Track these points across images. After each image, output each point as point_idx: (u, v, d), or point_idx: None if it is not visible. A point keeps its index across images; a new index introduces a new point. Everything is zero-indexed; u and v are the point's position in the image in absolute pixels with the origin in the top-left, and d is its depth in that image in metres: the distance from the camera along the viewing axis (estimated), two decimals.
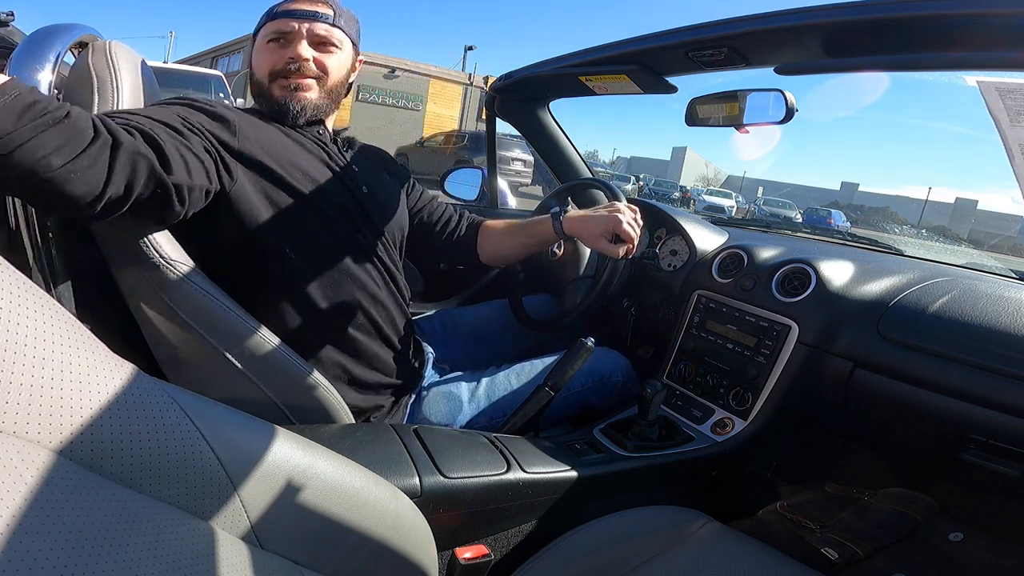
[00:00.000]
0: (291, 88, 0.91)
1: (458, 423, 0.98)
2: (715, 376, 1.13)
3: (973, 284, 1.00)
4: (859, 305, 1.02)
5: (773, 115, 1.03)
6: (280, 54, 0.91)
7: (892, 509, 1.14)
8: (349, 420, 0.87)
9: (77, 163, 0.57)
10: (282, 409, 0.81)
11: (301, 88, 0.92)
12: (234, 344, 0.76)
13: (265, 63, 0.93)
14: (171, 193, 0.68)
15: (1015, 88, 0.54)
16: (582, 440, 0.98)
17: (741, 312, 1.14)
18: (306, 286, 0.87)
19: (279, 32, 0.92)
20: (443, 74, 19.13)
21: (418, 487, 0.73)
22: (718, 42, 0.91)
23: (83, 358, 0.39)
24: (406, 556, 0.59)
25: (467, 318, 1.35)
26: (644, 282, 1.40)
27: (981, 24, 0.66)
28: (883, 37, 0.77)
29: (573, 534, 0.82)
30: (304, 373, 0.82)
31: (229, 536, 0.45)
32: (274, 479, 0.48)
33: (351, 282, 0.91)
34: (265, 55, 0.93)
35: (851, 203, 38.03)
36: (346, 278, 0.90)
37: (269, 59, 0.92)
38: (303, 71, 0.91)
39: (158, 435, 0.41)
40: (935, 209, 37.87)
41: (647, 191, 20.31)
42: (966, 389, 0.86)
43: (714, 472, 1.03)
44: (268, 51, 0.93)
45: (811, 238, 1.57)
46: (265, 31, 0.94)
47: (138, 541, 0.36)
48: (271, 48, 0.92)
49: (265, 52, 0.93)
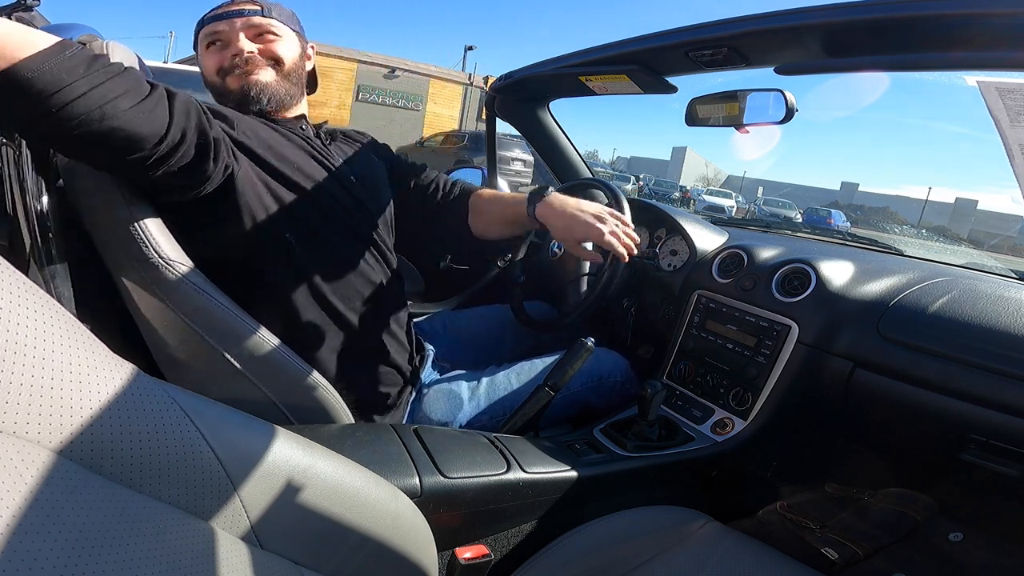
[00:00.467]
0: (244, 75, 0.92)
1: (458, 421, 0.98)
2: (715, 376, 1.13)
3: (973, 284, 1.00)
4: (859, 305, 1.02)
5: (773, 115, 1.03)
6: (222, 54, 0.93)
7: (892, 509, 1.14)
8: (349, 420, 0.87)
9: (143, 105, 0.64)
10: (281, 409, 0.81)
11: (253, 73, 0.92)
12: (233, 344, 0.76)
13: (211, 65, 0.94)
14: (210, 147, 0.73)
15: (1015, 88, 0.54)
16: (582, 440, 0.98)
17: (741, 312, 1.14)
18: (309, 279, 0.87)
19: (214, 35, 0.93)
20: (443, 74, 19.10)
21: (418, 487, 0.73)
22: (718, 42, 0.91)
23: (83, 358, 0.39)
24: (406, 556, 0.59)
25: (466, 320, 1.35)
26: (644, 282, 1.40)
27: (981, 24, 0.66)
28: (883, 37, 0.77)
29: (573, 534, 0.82)
30: (304, 373, 0.82)
31: (229, 536, 0.45)
32: (274, 479, 0.48)
33: (352, 272, 0.91)
34: (209, 59, 0.94)
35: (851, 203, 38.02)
36: (347, 269, 0.91)
37: (214, 60, 0.93)
38: (251, 62, 0.92)
39: (158, 435, 0.41)
40: (935, 209, 37.86)
41: (647, 191, 20.30)
42: (966, 389, 0.86)
43: (714, 472, 1.03)
44: (210, 55, 0.94)
45: (811, 238, 1.57)
46: (202, 39, 0.94)
47: (138, 541, 0.36)
48: (212, 52, 0.94)
49: (208, 56, 0.94)
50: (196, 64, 0.99)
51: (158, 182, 0.71)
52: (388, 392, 0.96)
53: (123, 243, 0.72)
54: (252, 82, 0.92)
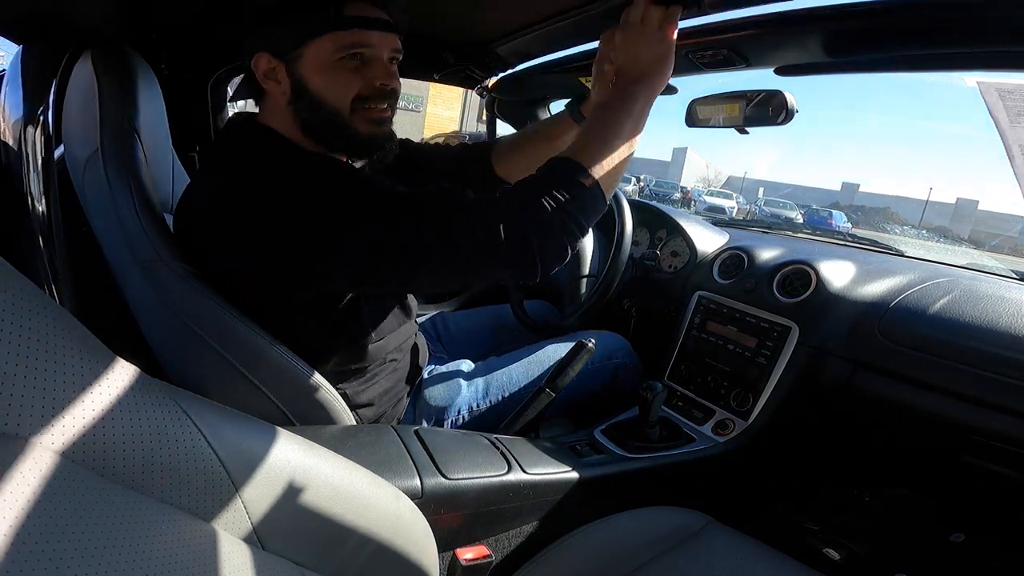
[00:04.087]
0: (383, 119, 0.79)
1: (456, 406, 0.98)
2: (716, 377, 1.13)
3: (974, 285, 1.00)
4: (860, 306, 1.02)
5: (773, 116, 1.03)
6: (364, 76, 0.75)
7: (893, 510, 1.14)
8: (350, 421, 0.87)
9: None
10: (283, 410, 0.81)
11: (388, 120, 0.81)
12: (234, 347, 0.75)
13: (346, 86, 0.75)
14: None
15: (1015, 89, 0.54)
16: (583, 441, 0.98)
17: (742, 313, 1.14)
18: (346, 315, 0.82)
19: (359, 46, 0.74)
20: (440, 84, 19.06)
21: (419, 488, 0.73)
22: (718, 43, 0.91)
23: (85, 359, 0.39)
24: (407, 557, 0.59)
25: (466, 319, 1.35)
26: (645, 283, 1.40)
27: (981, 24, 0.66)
28: (883, 38, 0.77)
29: (574, 535, 0.82)
30: (305, 375, 0.81)
31: (231, 537, 0.45)
32: (276, 480, 0.48)
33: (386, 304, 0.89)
34: (343, 77, 0.75)
35: (852, 204, 38.02)
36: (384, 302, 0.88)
37: (353, 82, 0.75)
38: (390, 97, 0.79)
39: (160, 437, 0.41)
40: (936, 209, 37.83)
41: (647, 192, 20.30)
42: (967, 390, 0.86)
43: (715, 473, 1.03)
44: (345, 72, 0.75)
45: (812, 239, 1.57)
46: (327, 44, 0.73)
47: (140, 542, 0.36)
48: (348, 68, 0.75)
49: (339, 73, 0.74)
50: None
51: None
52: (389, 395, 0.95)
53: (126, 244, 0.72)
54: (390, 132, 0.80)
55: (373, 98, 0.77)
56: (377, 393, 0.90)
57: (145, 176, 0.77)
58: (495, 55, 1.20)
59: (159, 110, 0.94)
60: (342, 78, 0.75)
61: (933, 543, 1.06)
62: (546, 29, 0.99)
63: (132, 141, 0.77)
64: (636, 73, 0.74)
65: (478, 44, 1.17)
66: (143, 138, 0.79)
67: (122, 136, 0.76)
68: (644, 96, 0.74)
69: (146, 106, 0.82)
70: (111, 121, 0.76)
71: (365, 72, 0.75)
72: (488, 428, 0.97)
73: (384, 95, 0.78)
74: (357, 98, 0.76)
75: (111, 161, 0.75)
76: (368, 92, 0.76)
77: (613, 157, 0.71)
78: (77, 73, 0.82)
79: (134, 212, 0.73)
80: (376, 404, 0.91)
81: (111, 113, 0.76)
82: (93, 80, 0.77)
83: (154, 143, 0.84)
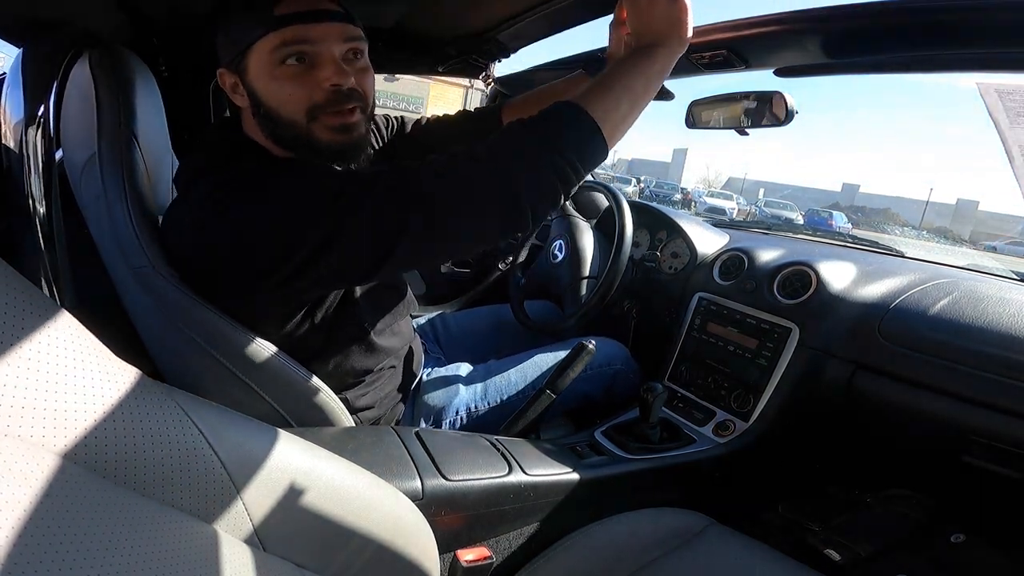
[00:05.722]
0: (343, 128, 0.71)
1: (454, 407, 0.98)
2: (716, 378, 1.13)
3: (974, 286, 1.00)
4: (860, 307, 1.02)
5: (773, 117, 1.03)
6: (312, 80, 0.68)
7: (894, 510, 1.13)
8: (349, 423, 0.87)
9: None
10: (281, 413, 0.81)
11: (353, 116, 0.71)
12: (230, 351, 0.74)
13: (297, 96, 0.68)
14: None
15: (1015, 89, 0.54)
16: (584, 442, 0.98)
17: (742, 314, 1.14)
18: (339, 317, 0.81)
19: (300, 42, 0.66)
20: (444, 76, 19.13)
21: (420, 489, 0.73)
22: (717, 44, 0.91)
23: (86, 361, 0.39)
24: (408, 558, 0.59)
25: (466, 320, 1.35)
26: (645, 284, 1.40)
27: (982, 24, 0.66)
28: (882, 39, 0.77)
29: (575, 536, 0.82)
30: (303, 379, 0.81)
31: (232, 539, 0.45)
32: (277, 482, 0.48)
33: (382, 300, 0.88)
34: (290, 86, 0.67)
35: (852, 204, 38.01)
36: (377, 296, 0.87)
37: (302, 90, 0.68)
38: (352, 99, 0.70)
39: (162, 438, 0.41)
40: (936, 210, 37.83)
41: (648, 193, 20.32)
42: (967, 391, 0.85)
43: (716, 474, 1.03)
44: (289, 79, 0.67)
45: (812, 240, 1.57)
46: (267, 47, 0.66)
47: (141, 544, 0.36)
48: (292, 73, 0.67)
49: (285, 81, 0.67)
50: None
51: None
52: (389, 398, 0.95)
53: (120, 249, 0.72)
54: (359, 140, 0.72)
55: (329, 103, 0.68)
56: (378, 397, 0.90)
57: (142, 181, 0.76)
58: (496, 42, 1.20)
59: (159, 113, 0.93)
60: (287, 85, 0.67)
61: (934, 544, 1.06)
62: (545, 12, 0.99)
63: (130, 145, 0.76)
64: (651, 38, 0.72)
65: (479, 32, 1.17)
66: (142, 141, 0.79)
67: (120, 140, 0.75)
68: (662, 59, 0.71)
69: (145, 109, 0.82)
70: (109, 125, 0.75)
71: (314, 75, 0.67)
72: (486, 430, 0.97)
73: (341, 97, 0.68)
74: (314, 106, 0.68)
75: (107, 165, 0.73)
76: (322, 98, 0.68)
77: (620, 110, 0.68)
78: (75, 75, 0.81)
79: (128, 218, 0.71)
80: (376, 407, 0.91)
81: (109, 117, 0.75)
82: (91, 83, 0.76)
83: (153, 146, 0.84)
